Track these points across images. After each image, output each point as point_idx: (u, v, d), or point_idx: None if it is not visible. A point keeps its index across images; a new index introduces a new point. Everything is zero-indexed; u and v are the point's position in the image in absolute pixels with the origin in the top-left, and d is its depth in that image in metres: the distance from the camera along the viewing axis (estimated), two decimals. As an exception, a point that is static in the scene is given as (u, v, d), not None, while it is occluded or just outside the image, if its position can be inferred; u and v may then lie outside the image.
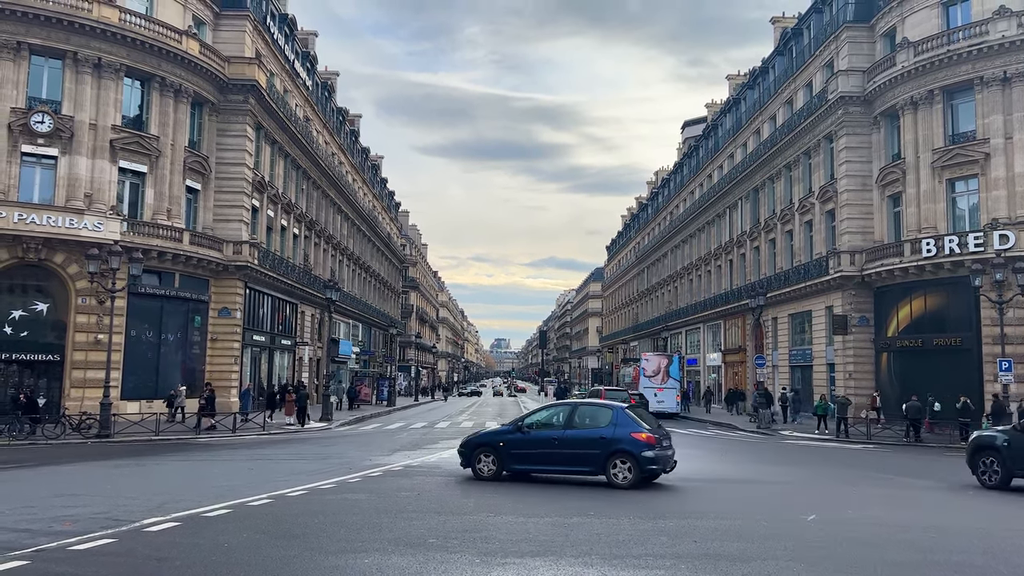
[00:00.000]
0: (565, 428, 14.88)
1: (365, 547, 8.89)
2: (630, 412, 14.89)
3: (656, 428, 14.91)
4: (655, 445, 14.21)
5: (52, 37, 29.91)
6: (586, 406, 15.78)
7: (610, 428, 14.41)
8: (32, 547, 8.64)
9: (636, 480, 14.01)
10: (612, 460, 14.14)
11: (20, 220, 28.22)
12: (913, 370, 33.28)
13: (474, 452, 15.17)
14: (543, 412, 15.90)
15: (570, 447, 14.55)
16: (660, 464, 14.29)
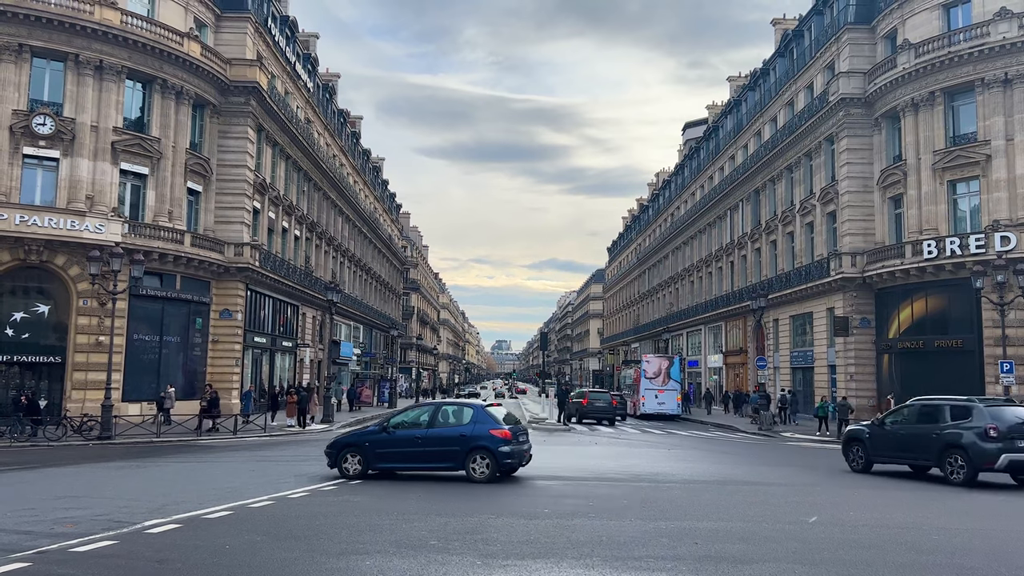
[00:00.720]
0: (428, 427, 15.54)
1: (366, 549, 8.88)
2: (489, 410, 15.71)
3: (514, 425, 15.74)
4: (511, 440, 15.05)
5: (54, 39, 29.95)
6: (449, 406, 16.40)
7: (470, 426, 15.17)
8: (33, 549, 8.65)
9: (493, 474, 14.77)
10: (471, 456, 14.88)
11: (22, 222, 28.25)
12: (914, 372, 33.24)
13: (340, 452, 15.59)
14: (409, 413, 16.50)
15: (432, 445, 15.22)
16: (516, 458, 15.18)
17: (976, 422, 16.28)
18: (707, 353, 59.50)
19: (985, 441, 15.93)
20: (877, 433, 18.36)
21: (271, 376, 41.50)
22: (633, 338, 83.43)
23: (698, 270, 61.98)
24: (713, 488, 15.14)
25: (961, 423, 16.50)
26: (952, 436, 16.35)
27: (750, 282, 48.82)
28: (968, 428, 16.21)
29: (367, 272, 66.12)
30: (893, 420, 18.59)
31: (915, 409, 18.19)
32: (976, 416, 16.37)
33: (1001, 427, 15.97)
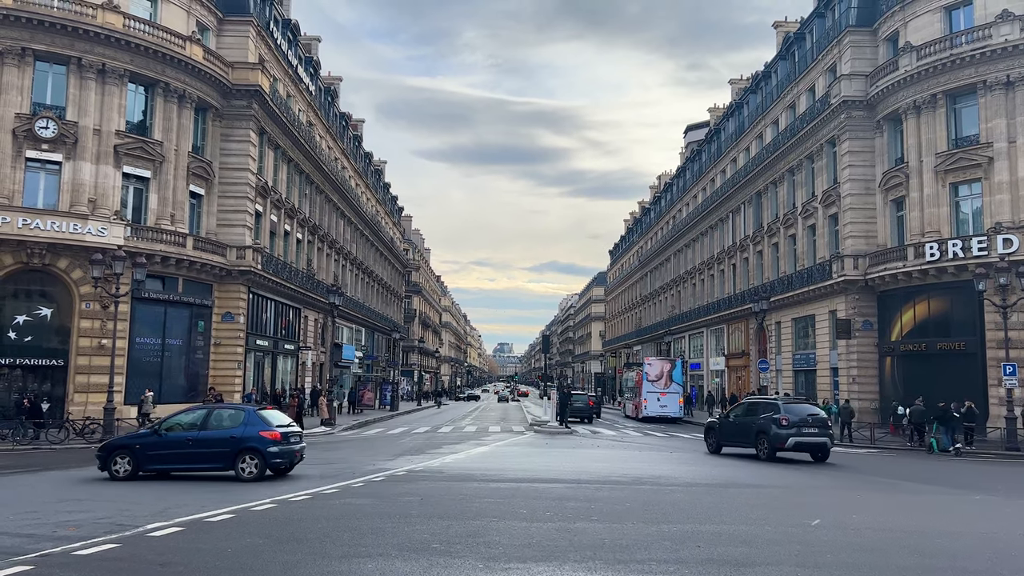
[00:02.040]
0: (200, 429, 16.19)
1: (369, 552, 8.88)
2: (261, 413, 16.62)
3: (287, 427, 16.53)
4: (281, 442, 15.91)
5: (56, 43, 30.01)
6: (222, 409, 17.21)
7: (241, 428, 15.93)
8: (36, 552, 8.66)
9: (262, 474, 15.59)
10: (241, 456, 15.64)
11: (24, 225, 28.29)
12: (917, 374, 33.21)
13: (111, 455, 16.00)
14: (182, 416, 17.03)
15: (204, 447, 15.91)
16: (285, 458, 16.06)
17: (776, 415, 21.90)
18: (709, 356, 59.45)
19: (780, 429, 21.58)
20: (724, 424, 24.52)
21: (273, 379, 41.50)
22: (635, 341, 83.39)
23: (700, 273, 61.95)
24: (715, 491, 15.12)
25: (769, 415, 22.01)
26: (761, 425, 22.07)
27: (752, 285, 48.79)
28: (772, 419, 21.75)
29: (369, 275, 66.16)
30: (734, 414, 24.53)
31: (744, 406, 24.54)
32: (777, 411, 22.07)
33: (792, 419, 21.57)
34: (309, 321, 46.81)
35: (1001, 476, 19.96)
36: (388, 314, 73.80)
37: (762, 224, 48.39)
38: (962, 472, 20.68)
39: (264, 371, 40.45)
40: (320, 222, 49.85)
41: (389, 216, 79.92)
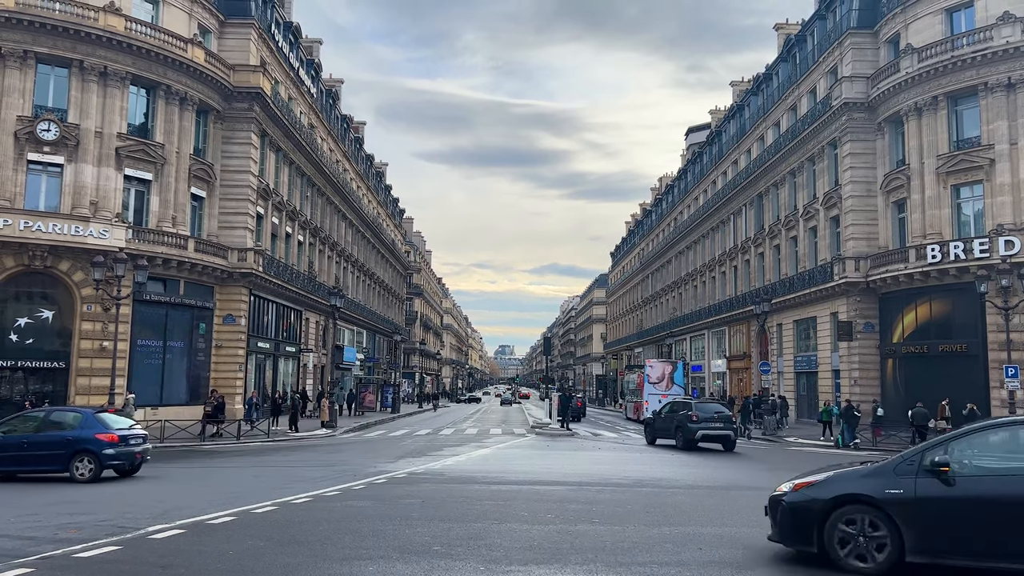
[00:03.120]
0: (36, 432, 16.69)
1: (370, 554, 8.87)
2: (100, 416, 17.06)
3: (127, 430, 16.94)
4: (118, 444, 16.37)
5: (58, 46, 30.06)
6: (60, 412, 17.99)
7: (77, 431, 16.40)
8: (37, 554, 8.65)
9: (97, 475, 15.98)
10: (76, 458, 16.04)
11: (26, 228, 28.34)
12: (918, 376, 33.18)
13: None
14: (20, 419, 17.51)
15: (38, 449, 16.28)
16: (123, 460, 16.52)
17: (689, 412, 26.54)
18: (711, 358, 59.41)
19: (691, 424, 25.83)
20: (656, 420, 29.27)
21: (274, 381, 41.51)
22: (636, 343, 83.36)
23: (701, 274, 61.93)
24: (717, 493, 15.10)
25: (684, 413, 26.74)
26: (679, 421, 26.57)
27: (754, 287, 48.77)
28: (686, 416, 26.42)
29: (370, 277, 66.17)
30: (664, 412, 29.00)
31: (669, 406, 29.29)
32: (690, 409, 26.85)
33: (701, 416, 26.29)
34: (310, 323, 46.82)
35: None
36: (389, 316, 73.81)
37: (763, 226, 48.37)
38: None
39: (265, 373, 40.46)
40: (321, 224, 49.88)
41: (390, 218, 79.96)
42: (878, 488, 7.98)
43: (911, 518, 7.72)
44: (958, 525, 7.56)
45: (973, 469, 7.74)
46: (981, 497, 7.50)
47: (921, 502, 7.71)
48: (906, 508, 7.75)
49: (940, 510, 7.66)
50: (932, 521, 7.67)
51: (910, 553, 7.65)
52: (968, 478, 7.64)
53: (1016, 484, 7.42)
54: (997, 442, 8.15)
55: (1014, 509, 7.30)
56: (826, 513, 8.15)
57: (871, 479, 8.18)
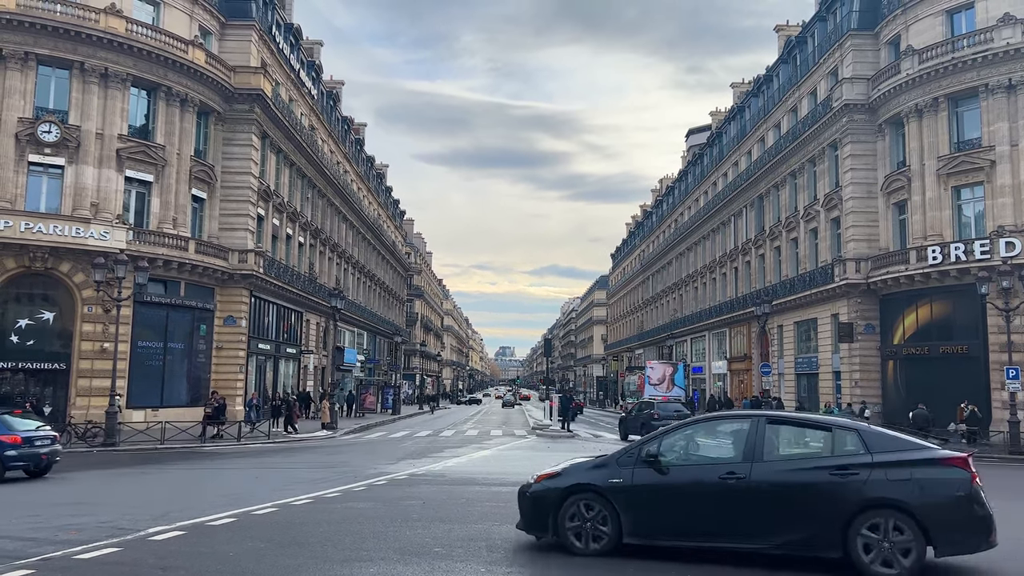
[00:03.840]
0: None
1: (370, 556, 8.87)
2: (3, 418, 17.35)
3: (32, 432, 17.17)
4: (22, 445, 16.71)
5: (59, 47, 30.08)
6: None
7: None
8: (37, 556, 8.65)
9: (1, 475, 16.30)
10: None
11: (27, 229, 28.35)
12: (919, 378, 33.13)
13: None
14: None
15: None
16: (28, 461, 16.86)
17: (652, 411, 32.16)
18: (711, 359, 59.35)
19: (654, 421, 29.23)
20: (628, 418, 33.82)
21: (275, 383, 41.51)
22: (637, 344, 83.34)
23: (702, 276, 61.91)
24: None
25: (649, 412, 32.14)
26: (644, 419, 31.23)
27: (754, 288, 48.75)
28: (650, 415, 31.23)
29: (371, 279, 66.18)
30: (635, 411, 34.13)
31: (639, 406, 35.10)
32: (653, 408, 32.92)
33: (662, 414, 30.82)
34: (311, 325, 46.83)
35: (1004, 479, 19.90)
36: (390, 318, 73.81)
37: (764, 227, 48.36)
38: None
39: (266, 375, 40.45)
40: (322, 226, 49.89)
41: (391, 220, 79.98)
42: (603, 478, 8.77)
43: (628, 504, 8.55)
44: (668, 509, 8.49)
45: (681, 460, 8.73)
46: (686, 484, 8.45)
47: (637, 489, 8.58)
48: (624, 495, 8.58)
49: (653, 496, 8.55)
50: (646, 506, 8.57)
51: (627, 535, 8.51)
52: (678, 467, 8.59)
53: (712, 471, 8.37)
54: (701, 435, 9.17)
55: (712, 493, 8.26)
56: (560, 501, 8.85)
57: (599, 470, 8.97)
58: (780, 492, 8.09)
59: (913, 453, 8.12)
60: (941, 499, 7.81)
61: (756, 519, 8.13)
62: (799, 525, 8.00)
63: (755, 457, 8.33)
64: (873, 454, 8.08)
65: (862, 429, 8.51)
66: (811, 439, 8.70)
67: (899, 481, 7.85)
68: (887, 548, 7.69)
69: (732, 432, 8.87)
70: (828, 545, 7.91)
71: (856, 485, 7.90)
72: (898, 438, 8.52)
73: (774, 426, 8.73)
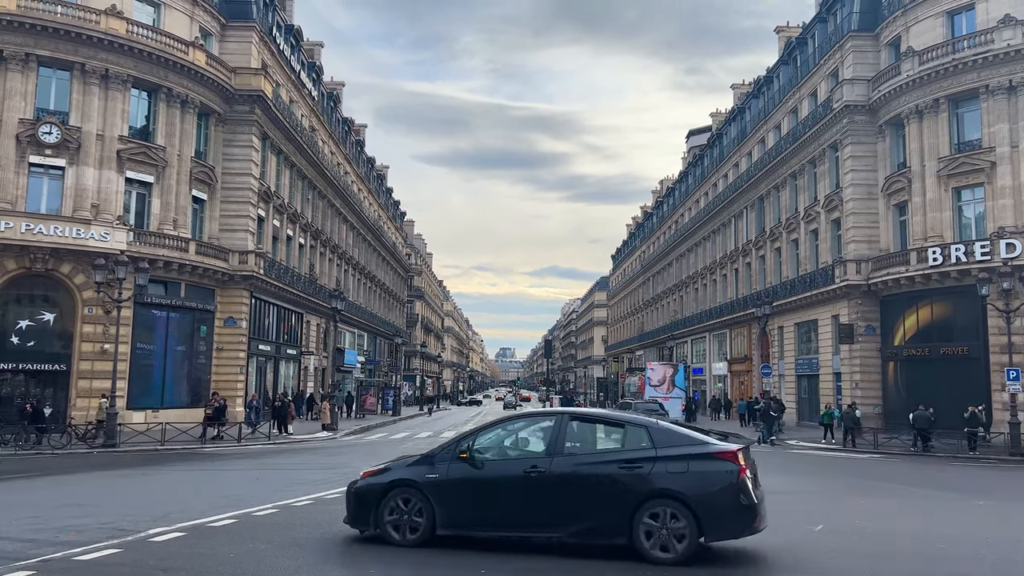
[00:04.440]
0: None
1: (371, 557, 8.86)
2: None
3: None
4: None
5: (60, 49, 30.10)
6: None
7: None
8: (37, 557, 8.64)
9: None
10: None
11: (27, 230, 28.36)
12: (920, 379, 33.12)
13: None
14: None
15: None
16: None
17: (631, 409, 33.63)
18: (712, 361, 59.35)
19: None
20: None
21: (275, 384, 41.50)
22: (637, 345, 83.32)
23: (702, 277, 61.90)
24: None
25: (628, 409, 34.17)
26: None
27: (755, 289, 48.73)
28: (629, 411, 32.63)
29: (371, 280, 66.19)
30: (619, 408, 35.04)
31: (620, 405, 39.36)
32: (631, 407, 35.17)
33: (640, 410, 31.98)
34: (311, 326, 46.82)
35: (1005, 481, 19.91)
36: (390, 319, 73.81)
37: (765, 229, 48.35)
38: (965, 477, 20.63)
39: (266, 376, 40.46)
40: (322, 227, 49.90)
41: (391, 221, 79.99)
42: (421, 474, 9.24)
43: (442, 498, 9.03)
44: (479, 502, 9.00)
45: (494, 455, 9.21)
46: (496, 478, 8.98)
47: (450, 484, 9.06)
48: (438, 489, 9.07)
49: (465, 490, 9.03)
50: (458, 499, 9.05)
51: (440, 527, 8.99)
52: (491, 462, 9.09)
53: (519, 466, 8.93)
54: (513, 432, 9.66)
55: (518, 486, 8.80)
56: (382, 496, 9.28)
57: (418, 466, 9.41)
58: (576, 484, 8.64)
59: (692, 448, 8.71)
60: (712, 489, 8.40)
61: (554, 509, 8.67)
62: (591, 514, 8.57)
63: (556, 452, 8.89)
64: (658, 449, 8.68)
65: (651, 426, 9.06)
66: (607, 435, 9.26)
67: (677, 473, 8.46)
68: (664, 534, 8.34)
69: (540, 429, 9.37)
70: (616, 532, 8.53)
71: (641, 477, 8.51)
72: (683, 434, 9.02)
73: (576, 423, 9.35)
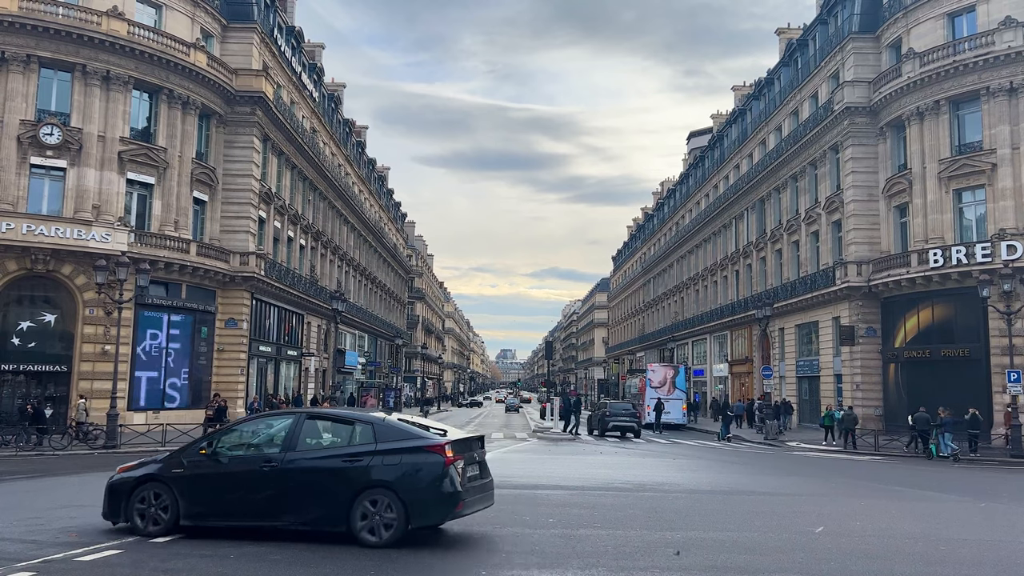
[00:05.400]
0: None
1: (370, 558, 8.86)
2: None
3: None
4: None
5: (61, 50, 30.14)
6: None
7: None
8: (38, 558, 8.65)
9: None
10: None
11: (29, 231, 28.38)
12: (921, 381, 33.12)
13: None
14: None
15: None
16: None
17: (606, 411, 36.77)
18: (712, 362, 59.35)
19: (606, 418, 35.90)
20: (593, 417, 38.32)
21: (276, 385, 41.52)
22: (638, 347, 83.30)
23: (703, 279, 61.90)
24: (719, 498, 15.09)
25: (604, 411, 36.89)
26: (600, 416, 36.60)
27: (755, 291, 48.72)
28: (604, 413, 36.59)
29: (372, 281, 66.20)
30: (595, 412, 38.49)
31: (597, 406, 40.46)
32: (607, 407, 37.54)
33: (612, 412, 36.37)
34: (312, 327, 46.83)
35: (1006, 483, 19.90)
36: (391, 320, 73.82)
37: (765, 230, 48.36)
38: (966, 479, 20.62)
39: (267, 377, 40.47)
40: (323, 228, 49.92)
41: (392, 222, 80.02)
42: (168, 469, 9.96)
43: (184, 491, 9.74)
44: (218, 494, 9.72)
45: (236, 451, 9.96)
46: (235, 472, 9.71)
47: (193, 478, 9.81)
48: (182, 483, 9.80)
49: (205, 483, 9.78)
50: (199, 492, 9.77)
51: (183, 518, 9.69)
52: (234, 458, 9.85)
53: (256, 461, 9.70)
54: (256, 430, 10.42)
55: (254, 479, 9.55)
56: (132, 490, 9.92)
57: (166, 462, 10.12)
58: (304, 477, 9.42)
59: (408, 442, 9.44)
60: (419, 479, 9.17)
61: (285, 500, 9.43)
62: (317, 504, 9.36)
63: (290, 448, 9.64)
64: (379, 443, 9.43)
65: (376, 422, 9.79)
66: (339, 432, 9.96)
67: (391, 465, 9.24)
68: (377, 521, 9.10)
69: (281, 427, 10.10)
70: (338, 520, 9.24)
71: (361, 470, 9.28)
72: (404, 429, 9.70)
73: (312, 421, 10.18)
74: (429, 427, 9.98)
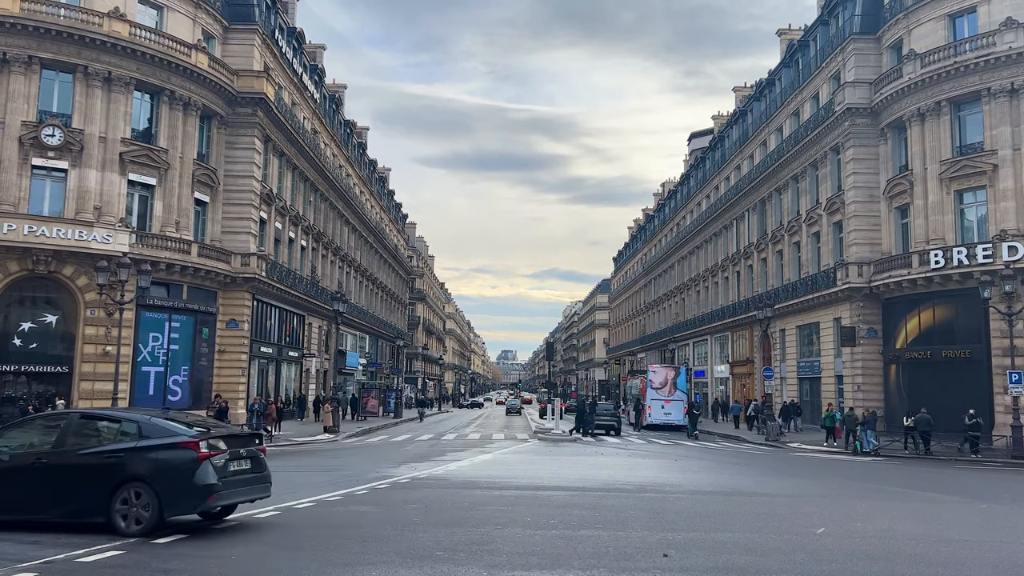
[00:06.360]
0: None
1: (372, 560, 8.87)
2: None
3: None
4: None
5: (63, 51, 30.16)
6: None
7: None
8: (40, 559, 8.66)
9: None
10: None
11: (30, 232, 28.40)
12: (922, 382, 33.11)
13: None
14: None
15: None
16: None
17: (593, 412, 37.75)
18: (713, 363, 59.34)
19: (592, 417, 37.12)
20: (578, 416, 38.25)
21: (277, 386, 41.52)
22: (639, 348, 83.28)
23: (704, 280, 61.89)
24: (720, 499, 15.09)
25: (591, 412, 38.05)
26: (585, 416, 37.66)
27: (756, 292, 48.72)
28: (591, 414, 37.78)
29: (373, 282, 66.22)
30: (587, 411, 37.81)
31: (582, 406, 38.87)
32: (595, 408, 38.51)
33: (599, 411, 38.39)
34: (313, 328, 46.85)
35: (1007, 484, 19.89)
36: (392, 321, 73.84)
37: (766, 231, 48.35)
38: (968, 481, 20.61)
39: (268, 378, 40.47)
40: (324, 229, 49.94)
41: (393, 223, 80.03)
42: None
43: None
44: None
45: (17, 449, 10.60)
46: (11, 468, 10.38)
47: None
48: None
49: None
50: None
51: None
52: (14, 454, 10.50)
53: (31, 457, 10.40)
54: (35, 428, 11.37)
55: (28, 475, 10.27)
56: None
57: None
58: (69, 472, 10.17)
59: (167, 439, 10.20)
60: (172, 473, 9.94)
61: (50, 494, 10.16)
62: (78, 497, 10.10)
63: (63, 445, 10.43)
64: (142, 440, 10.21)
65: (142, 420, 10.58)
66: (107, 429, 10.75)
67: (149, 460, 10.01)
68: (134, 512, 9.84)
69: (56, 426, 10.97)
70: (97, 511, 9.94)
71: (122, 465, 10.04)
72: (166, 427, 10.44)
73: (85, 420, 11.08)
74: (210, 427, 10.83)
